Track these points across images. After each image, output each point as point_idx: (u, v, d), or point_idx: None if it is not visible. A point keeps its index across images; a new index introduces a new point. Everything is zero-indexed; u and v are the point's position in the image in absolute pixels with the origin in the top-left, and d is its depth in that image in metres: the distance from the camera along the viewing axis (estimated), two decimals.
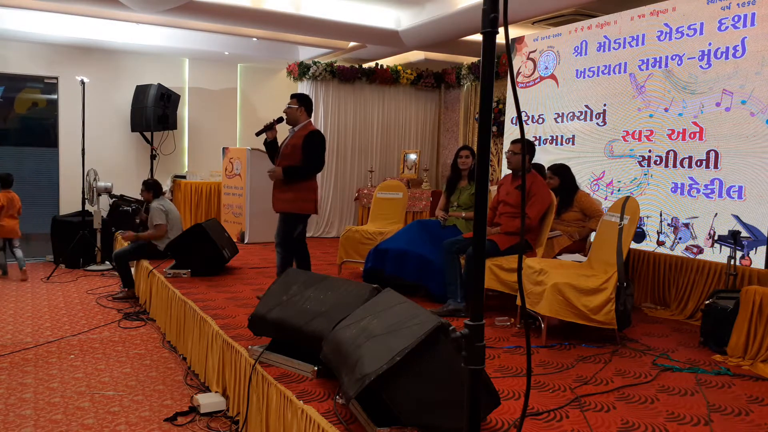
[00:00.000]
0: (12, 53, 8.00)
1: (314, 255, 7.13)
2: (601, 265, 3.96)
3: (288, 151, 4.57)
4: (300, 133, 4.58)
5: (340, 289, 3.17)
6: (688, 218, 5.00)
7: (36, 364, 4.16)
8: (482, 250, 1.53)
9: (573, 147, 6.13)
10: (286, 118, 4.67)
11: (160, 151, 8.50)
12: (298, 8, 6.45)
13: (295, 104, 4.62)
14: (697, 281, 4.62)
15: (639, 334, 4.03)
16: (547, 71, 6.43)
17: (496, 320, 4.20)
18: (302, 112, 4.64)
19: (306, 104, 4.66)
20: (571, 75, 6.14)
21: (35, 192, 8.30)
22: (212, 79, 9.18)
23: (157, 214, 5.78)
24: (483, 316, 1.50)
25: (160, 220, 5.77)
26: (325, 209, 8.91)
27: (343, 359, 2.49)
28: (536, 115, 6.57)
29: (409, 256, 4.77)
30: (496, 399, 2.46)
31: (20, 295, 6.10)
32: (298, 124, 4.63)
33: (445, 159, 9.27)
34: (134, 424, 3.28)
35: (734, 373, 3.31)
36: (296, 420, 2.58)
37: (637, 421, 2.60)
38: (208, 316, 4.01)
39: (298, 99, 4.65)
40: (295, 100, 4.64)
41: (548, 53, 6.42)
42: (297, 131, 4.61)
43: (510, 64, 1.56)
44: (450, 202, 5.26)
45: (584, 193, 5.08)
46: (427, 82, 9.18)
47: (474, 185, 1.53)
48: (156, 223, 5.78)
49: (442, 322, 2.29)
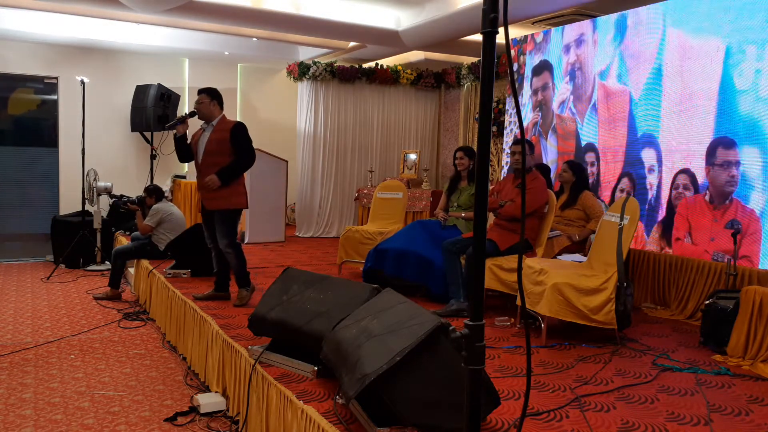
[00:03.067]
0: (12, 53, 8.00)
1: (314, 255, 7.17)
2: (601, 265, 3.96)
3: (214, 147, 4.40)
4: (222, 127, 4.43)
5: (340, 289, 3.17)
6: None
7: (36, 364, 4.16)
8: (482, 250, 1.53)
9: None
10: (199, 114, 4.49)
11: (160, 151, 8.49)
12: (298, 8, 6.45)
13: (206, 99, 4.46)
14: (697, 281, 4.62)
15: (639, 334, 4.03)
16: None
17: (496, 320, 4.20)
18: (215, 106, 4.50)
19: (218, 98, 4.53)
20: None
21: (35, 192, 8.30)
22: (212, 79, 9.16)
23: (151, 215, 5.88)
24: (483, 316, 1.50)
25: (149, 221, 5.85)
26: (325, 209, 8.91)
27: (343, 359, 2.49)
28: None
29: (409, 256, 4.77)
30: (496, 399, 2.46)
31: (20, 295, 6.10)
32: (213, 118, 4.48)
33: (445, 159, 9.27)
34: (134, 424, 3.28)
35: (734, 373, 3.31)
36: (296, 420, 2.58)
37: (637, 421, 2.60)
38: (208, 316, 4.01)
39: (208, 93, 4.48)
40: (205, 95, 4.47)
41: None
42: (216, 125, 4.45)
43: (510, 64, 1.56)
44: (450, 202, 5.28)
45: (589, 194, 5.09)
46: (427, 82, 9.18)
47: (474, 185, 1.53)
48: (144, 222, 5.88)
49: (442, 322, 2.29)
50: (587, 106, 6.07)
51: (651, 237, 5.31)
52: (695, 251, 4.86)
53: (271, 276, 5.43)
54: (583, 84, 6.13)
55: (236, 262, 4.51)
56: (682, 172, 5.08)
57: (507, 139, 7.34)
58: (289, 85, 9.05)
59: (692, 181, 4.99)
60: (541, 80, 6.69)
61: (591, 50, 6.03)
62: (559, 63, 6.42)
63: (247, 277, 4.57)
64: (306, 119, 8.76)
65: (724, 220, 4.66)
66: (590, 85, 6.05)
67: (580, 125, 6.14)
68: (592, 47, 6.01)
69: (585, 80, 6.12)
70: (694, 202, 4.97)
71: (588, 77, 6.08)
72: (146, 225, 5.85)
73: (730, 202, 4.68)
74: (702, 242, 4.85)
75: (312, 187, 8.80)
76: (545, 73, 6.62)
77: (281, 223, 8.07)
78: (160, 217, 5.84)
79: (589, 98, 6.05)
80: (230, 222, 4.49)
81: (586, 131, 6.10)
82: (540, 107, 6.70)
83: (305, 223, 8.82)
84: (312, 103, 8.74)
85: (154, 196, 6.07)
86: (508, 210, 4.48)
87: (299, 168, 8.79)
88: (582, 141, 6.12)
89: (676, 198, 5.11)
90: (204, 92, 4.52)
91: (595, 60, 5.99)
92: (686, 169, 5.05)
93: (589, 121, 6.04)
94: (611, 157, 5.76)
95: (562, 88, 6.38)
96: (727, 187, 4.70)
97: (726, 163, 4.72)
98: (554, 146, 6.48)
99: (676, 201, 5.11)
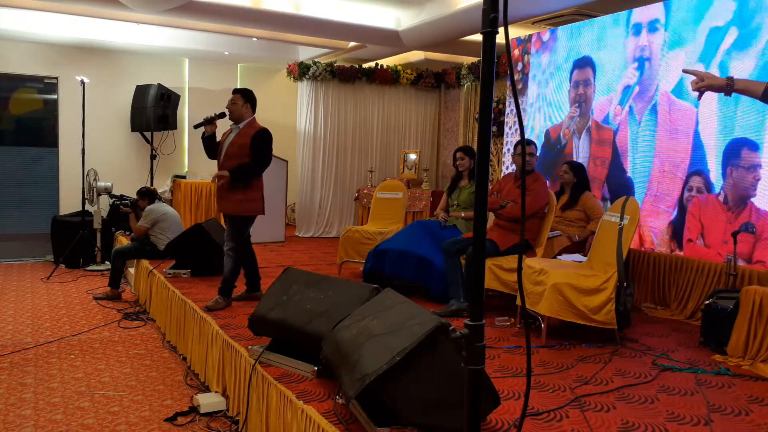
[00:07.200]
0: (12, 53, 7.99)
1: (314, 255, 7.17)
2: (601, 265, 3.96)
3: (235, 150, 4.37)
4: (247, 132, 4.38)
5: (340, 289, 3.16)
6: None
7: (36, 364, 4.16)
8: (482, 250, 1.53)
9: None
10: (230, 114, 4.45)
11: (160, 151, 8.50)
12: (298, 8, 6.45)
13: (240, 100, 4.41)
14: (697, 281, 4.62)
15: (639, 334, 4.03)
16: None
17: (496, 320, 4.20)
18: (247, 108, 4.44)
19: (251, 101, 4.48)
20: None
21: (35, 192, 8.30)
22: (212, 79, 9.18)
23: (144, 216, 5.90)
24: (483, 316, 1.50)
25: (143, 222, 5.87)
26: (325, 209, 8.91)
27: (343, 359, 2.49)
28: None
29: (409, 256, 4.77)
30: (496, 399, 2.46)
31: (20, 295, 6.10)
32: (242, 120, 4.43)
33: (445, 159, 9.27)
34: (134, 424, 3.28)
35: (734, 373, 3.31)
36: (296, 420, 2.58)
37: (637, 421, 2.60)
38: (208, 316, 4.01)
39: (242, 95, 4.44)
40: (239, 96, 4.42)
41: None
42: (242, 129, 4.41)
43: (510, 64, 1.56)
44: (450, 201, 5.29)
45: (590, 195, 5.09)
46: (427, 82, 9.18)
47: (474, 184, 1.53)
48: (139, 223, 5.90)
49: (442, 322, 2.29)
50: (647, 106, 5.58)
51: (661, 239, 5.20)
52: (708, 254, 4.73)
53: (271, 276, 5.42)
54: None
55: (230, 267, 4.43)
56: (696, 174, 4.95)
57: (508, 139, 7.33)
58: (289, 85, 9.05)
59: (706, 183, 4.86)
60: (583, 75, 6.25)
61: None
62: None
63: (231, 289, 4.47)
64: (306, 119, 8.76)
65: (739, 223, 4.56)
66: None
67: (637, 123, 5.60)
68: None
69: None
70: (706, 203, 4.83)
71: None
72: (141, 226, 5.86)
73: (745, 205, 4.56)
74: (715, 244, 4.71)
75: (312, 187, 8.80)
76: (587, 69, 6.22)
77: (281, 223, 8.07)
78: (155, 217, 5.84)
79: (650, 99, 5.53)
80: (238, 227, 4.47)
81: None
82: (579, 104, 6.27)
83: (305, 223, 8.82)
84: (312, 103, 8.74)
85: (147, 198, 6.10)
86: (510, 211, 4.47)
87: (299, 168, 8.79)
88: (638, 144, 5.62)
89: (688, 200, 4.99)
90: (238, 92, 4.47)
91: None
92: (699, 170, 4.92)
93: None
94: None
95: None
96: (750, 190, 4.53)
97: (752, 166, 4.54)
98: (587, 145, 6.16)
99: (688, 202, 4.99)
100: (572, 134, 6.40)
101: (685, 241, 5.00)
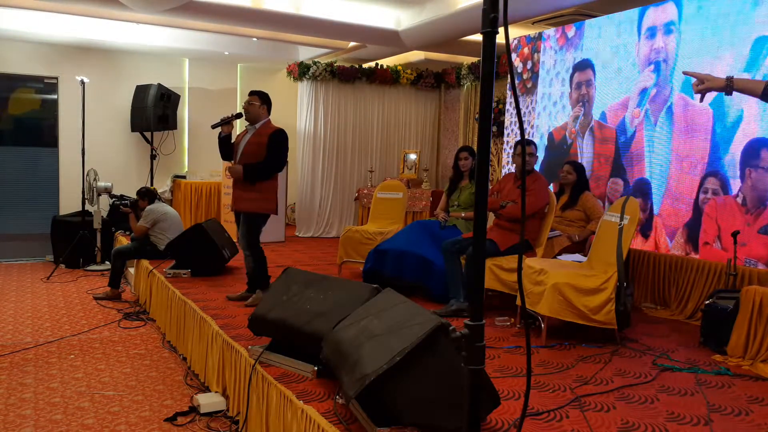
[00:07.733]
0: (12, 53, 7.99)
1: (314, 255, 7.17)
2: (601, 265, 3.96)
3: (252, 150, 4.44)
4: (263, 132, 4.46)
5: (340, 289, 3.16)
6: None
7: (36, 364, 4.16)
8: (482, 250, 1.53)
9: None
10: (246, 115, 4.54)
11: (160, 151, 8.50)
12: (298, 8, 6.45)
13: (257, 102, 4.51)
14: (697, 281, 4.62)
15: (639, 334, 4.03)
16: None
17: (496, 320, 4.20)
18: (264, 110, 4.53)
19: (267, 103, 4.57)
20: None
21: (35, 192, 8.30)
22: (212, 79, 9.18)
23: (144, 216, 5.90)
24: (483, 316, 1.50)
25: (143, 222, 5.87)
26: (325, 209, 8.91)
27: (343, 359, 2.49)
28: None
29: (409, 256, 4.77)
30: (496, 399, 2.46)
31: (20, 295, 6.10)
32: (258, 121, 4.52)
33: (445, 159, 9.27)
34: (134, 424, 3.28)
35: (734, 373, 3.31)
36: (296, 420, 2.58)
37: (637, 421, 2.60)
38: (208, 316, 4.01)
39: (260, 96, 4.54)
40: (256, 97, 4.52)
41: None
42: (259, 129, 4.49)
43: (510, 64, 1.56)
44: (450, 201, 5.28)
45: (590, 195, 5.09)
46: (427, 82, 9.18)
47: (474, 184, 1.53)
48: (139, 223, 5.90)
49: (442, 322, 2.29)
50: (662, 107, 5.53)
51: (676, 241, 5.11)
52: (725, 257, 4.57)
53: (271, 276, 5.43)
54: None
55: (254, 265, 4.54)
56: (711, 175, 4.84)
57: (508, 139, 7.32)
58: (289, 85, 9.05)
59: (722, 185, 4.76)
60: (585, 76, 6.26)
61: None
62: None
63: (268, 280, 4.56)
64: (306, 119, 8.76)
65: (758, 225, 4.47)
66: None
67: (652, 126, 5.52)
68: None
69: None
70: (723, 204, 4.73)
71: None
72: (141, 226, 5.85)
73: (764, 206, 4.47)
74: (732, 247, 4.50)
75: (312, 187, 8.80)
76: (588, 71, 6.23)
77: (281, 223, 8.07)
78: (155, 217, 5.84)
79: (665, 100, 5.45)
80: (253, 225, 4.51)
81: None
82: (583, 103, 6.26)
83: (305, 223, 8.82)
84: (312, 103, 8.74)
85: (147, 198, 6.11)
86: (510, 211, 4.47)
87: (299, 168, 8.79)
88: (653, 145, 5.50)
89: (704, 202, 4.89)
90: (255, 94, 4.56)
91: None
92: (715, 171, 4.81)
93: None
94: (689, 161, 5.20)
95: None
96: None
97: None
98: (590, 146, 6.15)
99: (703, 204, 4.90)
100: (576, 134, 6.39)
101: (701, 244, 4.91)
